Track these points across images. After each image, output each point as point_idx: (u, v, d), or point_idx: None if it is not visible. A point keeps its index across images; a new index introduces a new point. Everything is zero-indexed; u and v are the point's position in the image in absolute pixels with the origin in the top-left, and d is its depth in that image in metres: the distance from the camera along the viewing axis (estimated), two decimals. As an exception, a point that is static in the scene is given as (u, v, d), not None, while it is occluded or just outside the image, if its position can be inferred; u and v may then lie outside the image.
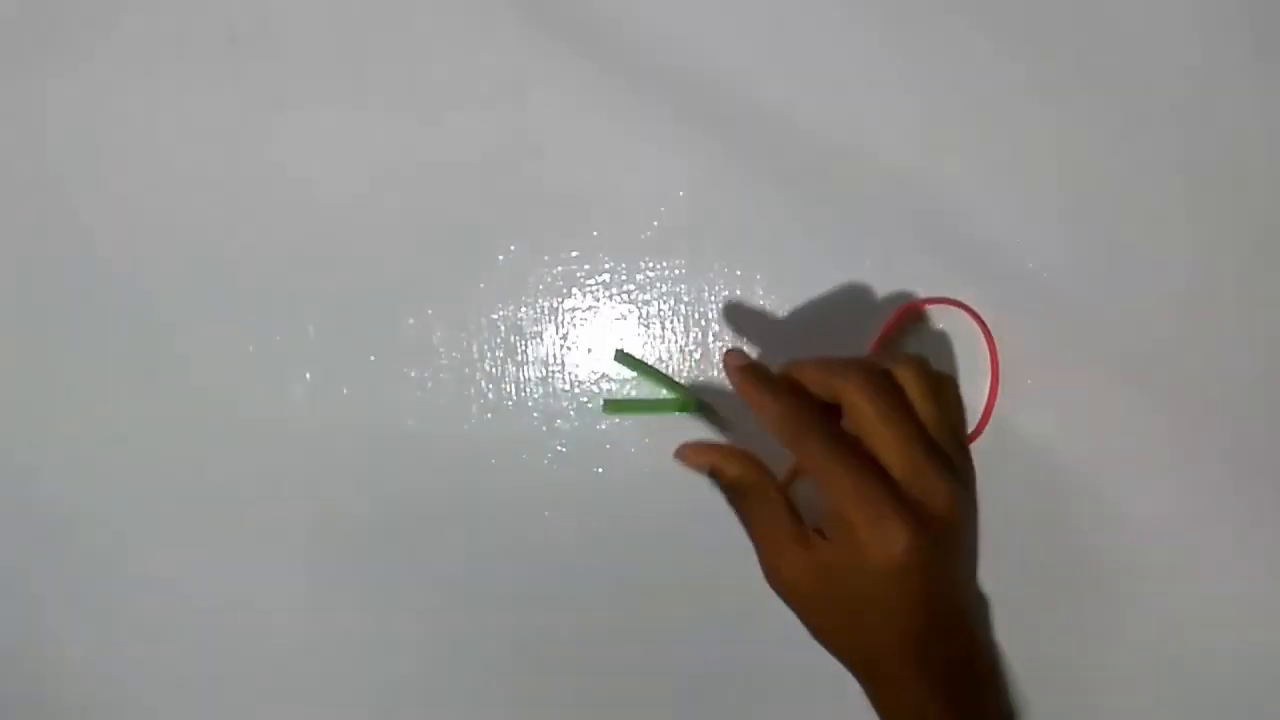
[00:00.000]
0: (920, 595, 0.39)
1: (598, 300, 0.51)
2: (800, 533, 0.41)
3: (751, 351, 0.50)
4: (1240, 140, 0.49)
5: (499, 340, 0.51)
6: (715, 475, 0.43)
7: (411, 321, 0.51)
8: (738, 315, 0.51)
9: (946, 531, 0.39)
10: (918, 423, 0.40)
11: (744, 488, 0.42)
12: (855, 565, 0.39)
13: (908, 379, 0.41)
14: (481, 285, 0.51)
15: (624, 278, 0.51)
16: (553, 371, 0.51)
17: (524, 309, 0.51)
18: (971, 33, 0.50)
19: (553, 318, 0.51)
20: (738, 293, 0.51)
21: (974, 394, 0.50)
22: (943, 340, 0.50)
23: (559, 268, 0.51)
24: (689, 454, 0.43)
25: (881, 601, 0.39)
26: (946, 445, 0.41)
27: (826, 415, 0.41)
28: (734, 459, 0.42)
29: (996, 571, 0.50)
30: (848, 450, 0.39)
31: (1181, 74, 0.50)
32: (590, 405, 0.51)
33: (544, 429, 0.51)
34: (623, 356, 0.49)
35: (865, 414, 0.40)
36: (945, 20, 0.50)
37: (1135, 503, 0.50)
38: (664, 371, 0.51)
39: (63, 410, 0.52)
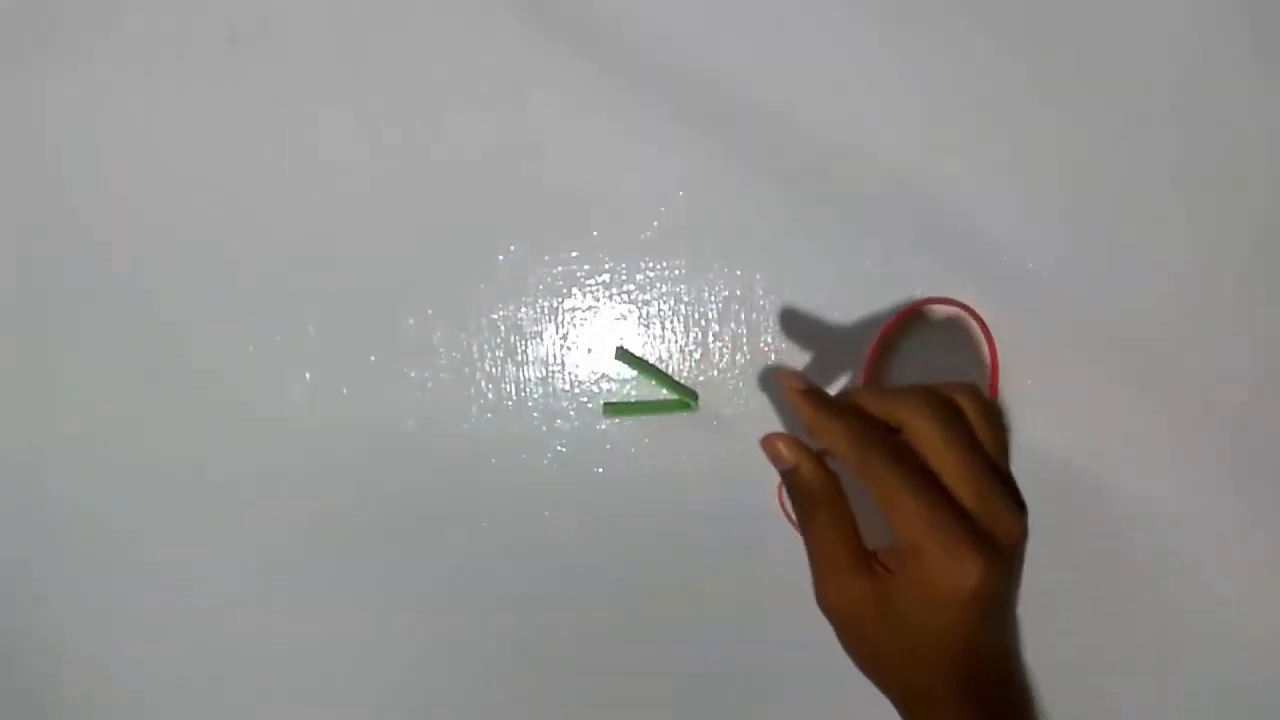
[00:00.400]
0: (981, 625, 0.38)
1: (598, 300, 0.51)
2: (862, 557, 0.39)
3: (751, 351, 0.50)
4: (1240, 140, 0.49)
5: (499, 340, 0.51)
6: (792, 474, 0.41)
7: (411, 321, 0.51)
8: (738, 315, 0.51)
9: (1012, 561, 0.39)
10: (983, 449, 0.40)
11: (819, 497, 0.40)
12: (920, 594, 0.38)
13: (967, 405, 0.40)
14: (481, 285, 0.51)
15: (624, 278, 0.51)
16: (553, 371, 0.51)
17: (524, 309, 0.51)
18: (971, 33, 0.50)
19: (553, 318, 0.51)
20: (738, 293, 0.51)
21: (974, 394, 0.50)
22: (943, 340, 0.50)
23: (559, 268, 0.51)
24: (779, 446, 0.41)
25: (941, 632, 0.38)
26: (1007, 473, 0.40)
27: (892, 439, 0.40)
28: (817, 464, 0.41)
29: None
30: (918, 475, 0.38)
31: (1181, 74, 0.50)
32: (590, 405, 0.51)
33: (544, 429, 0.51)
34: (623, 355, 0.49)
35: (932, 439, 0.39)
36: (945, 20, 0.50)
37: (1135, 502, 0.50)
38: (664, 371, 0.51)
39: (63, 410, 0.52)
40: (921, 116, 0.50)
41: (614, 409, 0.50)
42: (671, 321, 0.51)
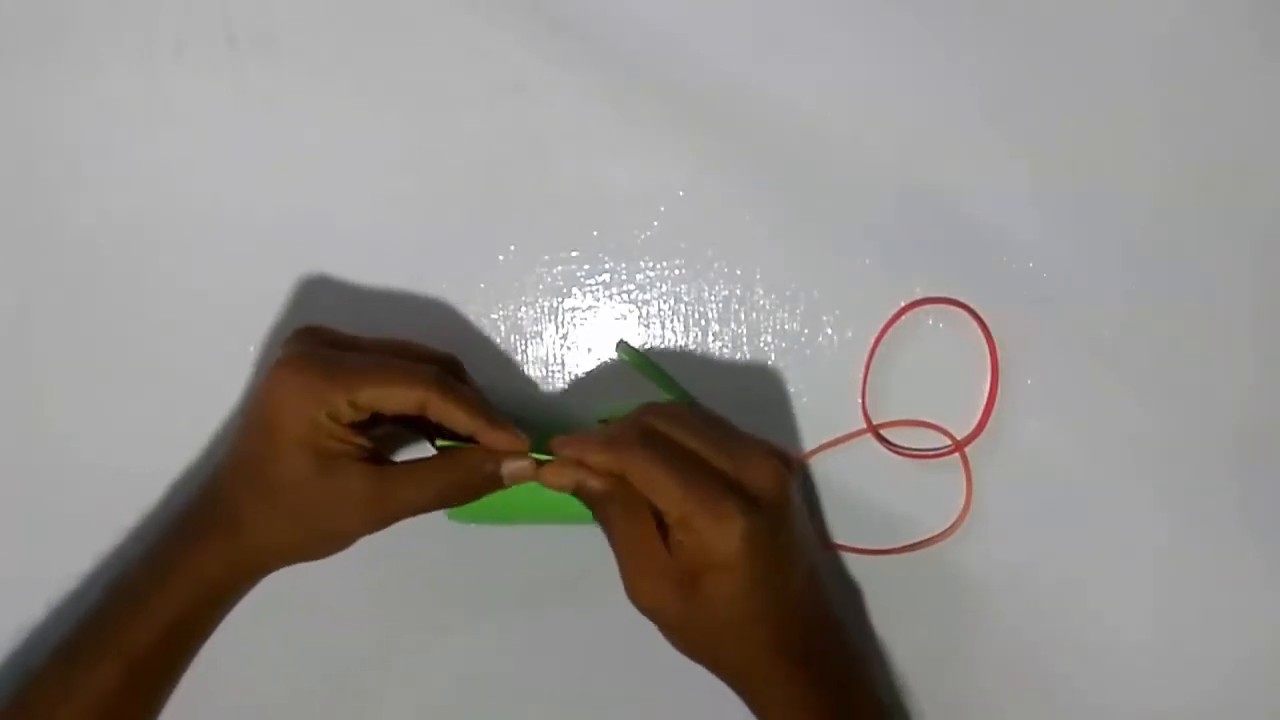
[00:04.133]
0: (774, 582, 0.40)
1: (598, 300, 0.51)
2: (664, 553, 0.41)
3: (751, 351, 0.50)
4: (1240, 140, 0.50)
5: (499, 340, 0.51)
6: (581, 490, 0.42)
7: (411, 322, 0.51)
8: (738, 315, 0.51)
9: (779, 509, 0.40)
10: (719, 423, 0.42)
11: (611, 499, 0.41)
12: (703, 562, 0.39)
13: (658, 418, 0.42)
14: (481, 285, 0.51)
15: (624, 278, 0.51)
16: (553, 371, 0.51)
17: (524, 309, 0.51)
18: (973, 31, 0.50)
19: (553, 318, 0.51)
20: (738, 292, 0.51)
21: (974, 394, 0.50)
22: (943, 340, 0.50)
23: (559, 268, 0.51)
24: (548, 477, 0.42)
25: (740, 599, 0.40)
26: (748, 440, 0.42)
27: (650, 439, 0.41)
28: (600, 474, 0.41)
29: (994, 569, 0.50)
30: (673, 456, 0.40)
31: (1182, 73, 0.50)
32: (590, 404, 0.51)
33: (544, 429, 0.51)
34: (624, 348, 0.49)
35: (670, 424, 0.41)
36: (946, 19, 0.50)
37: (1134, 502, 0.50)
38: (663, 370, 0.50)
39: (60, 413, 0.52)
40: (922, 116, 0.50)
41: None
42: (671, 321, 0.51)
